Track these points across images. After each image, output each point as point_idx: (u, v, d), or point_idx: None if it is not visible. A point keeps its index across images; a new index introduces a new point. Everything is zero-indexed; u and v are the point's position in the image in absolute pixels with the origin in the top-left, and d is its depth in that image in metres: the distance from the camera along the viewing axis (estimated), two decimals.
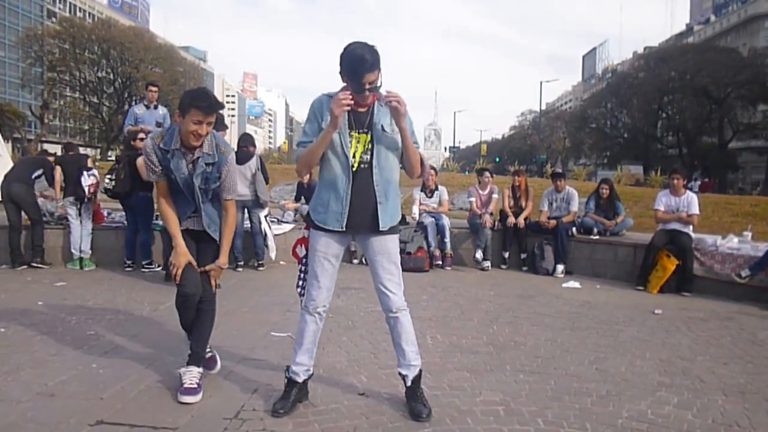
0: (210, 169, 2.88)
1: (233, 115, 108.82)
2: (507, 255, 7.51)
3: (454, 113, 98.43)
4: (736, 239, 6.32)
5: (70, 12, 66.01)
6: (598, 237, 7.27)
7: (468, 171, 24.78)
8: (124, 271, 6.37)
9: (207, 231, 2.99)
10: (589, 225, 7.44)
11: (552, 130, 61.78)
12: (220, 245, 3.01)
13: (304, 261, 2.87)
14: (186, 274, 2.89)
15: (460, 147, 66.58)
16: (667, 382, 3.27)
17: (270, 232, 6.85)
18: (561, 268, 7.02)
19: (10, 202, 6.38)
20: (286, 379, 2.76)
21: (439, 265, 7.22)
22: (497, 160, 52.63)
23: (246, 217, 6.73)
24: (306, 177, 7.39)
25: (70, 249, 6.48)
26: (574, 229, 7.36)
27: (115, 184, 6.31)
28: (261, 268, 6.73)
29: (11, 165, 7.67)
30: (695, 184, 26.19)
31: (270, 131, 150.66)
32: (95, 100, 45.63)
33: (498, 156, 60.57)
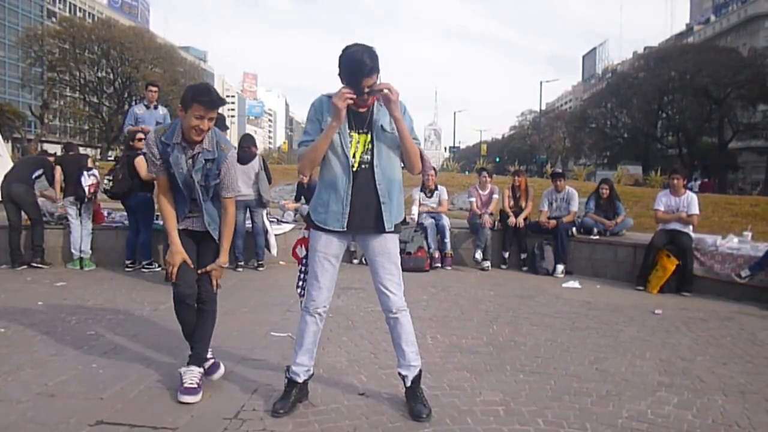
0: (209, 166, 2.88)
1: (233, 116, 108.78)
2: (507, 255, 7.51)
3: (454, 113, 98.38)
4: (736, 239, 6.33)
5: (70, 12, 66.03)
6: (598, 237, 7.27)
7: (468, 171, 24.78)
8: (124, 271, 6.38)
9: (208, 230, 2.99)
10: (589, 225, 7.44)
11: (552, 130, 61.78)
12: (219, 244, 3.01)
13: (304, 261, 2.87)
14: (181, 274, 2.89)
15: (460, 147, 66.56)
16: (667, 382, 3.27)
17: (270, 228, 6.91)
18: (561, 268, 7.02)
19: (10, 202, 6.38)
20: (286, 380, 2.76)
21: (439, 266, 7.23)
22: (497, 160, 52.58)
23: (248, 217, 6.74)
24: (306, 177, 7.42)
25: (70, 249, 6.48)
26: (574, 229, 7.36)
27: (112, 184, 6.32)
28: (261, 268, 6.74)
29: (11, 165, 7.67)
30: (695, 184, 26.22)
31: (270, 131, 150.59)
32: (95, 100, 45.65)
33: (498, 156, 60.53)
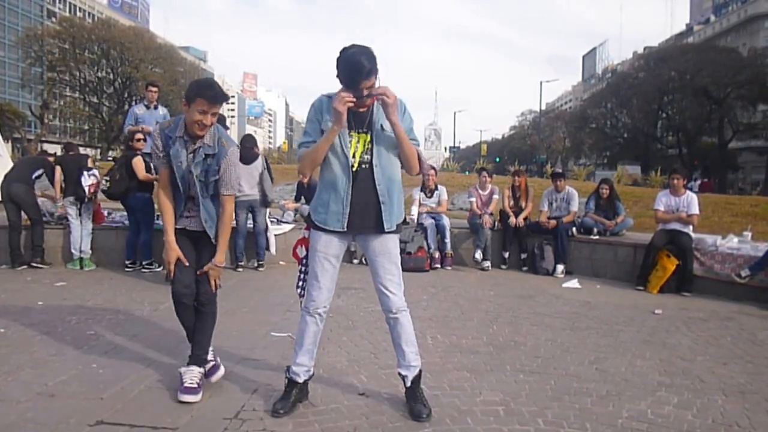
0: (209, 161, 2.88)
1: (233, 116, 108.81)
2: (507, 255, 7.51)
3: (454, 113, 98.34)
4: (736, 239, 6.32)
5: (70, 12, 66.03)
6: (598, 237, 7.27)
7: (468, 171, 24.77)
8: (124, 271, 6.37)
9: (204, 227, 2.96)
10: (589, 225, 7.44)
11: (552, 130, 61.78)
12: (216, 243, 2.98)
13: (304, 262, 2.87)
14: (177, 273, 2.91)
15: (460, 147, 66.55)
16: (667, 382, 3.27)
17: (270, 227, 6.94)
18: (561, 268, 7.02)
19: (10, 202, 6.38)
20: (287, 380, 2.76)
21: (439, 266, 7.23)
22: (497, 160, 52.54)
23: (249, 217, 6.73)
24: (306, 177, 7.42)
25: (70, 249, 6.48)
26: (574, 229, 7.36)
27: (110, 184, 6.33)
28: (261, 268, 6.74)
29: (11, 165, 7.67)
30: (695, 184, 26.18)
31: (270, 131, 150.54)
32: (95, 100, 45.65)
33: (498, 156, 60.49)
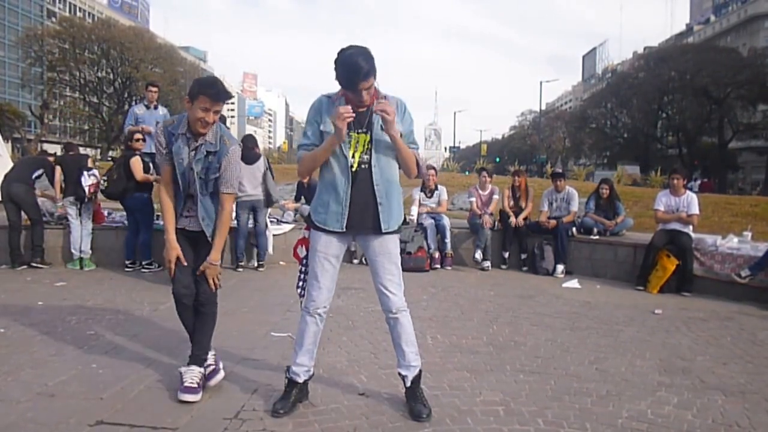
0: (211, 159, 2.89)
1: (233, 116, 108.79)
2: (507, 255, 7.51)
3: (454, 113, 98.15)
4: (736, 239, 6.32)
5: (70, 12, 66.03)
6: (598, 237, 7.27)
7: (468, 171, 24.76)
8: (124, 271, 6.37)
9: (201, 225, 2.94)
10: (589, 225, 7.44)
11: (552, 130, 61.77)
12: (212, 242, 2.95)
13: (304, 262, 2.87)
14: (177, 273, 2.91)
15: (460, 147, 66.53)
16: (667, 382, 3.27)
17: (269, 227, 6.93)
18: (561, 268, 7.02)
19: (10, 202, 6.38)
20: (287, 380, 2.76)
21: (439, 266, 7.23)
22: (497, 160, 52.53)
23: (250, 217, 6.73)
24: (306, 177, 7.42)
25: (70, 249, 6.48)
26: (574, 229, 7.36)
27: (107, 184, 6.33)
28: (261, 268, 6.73)
29: (11, 165, 7.67)
30: (695, 184, 26.20)
31: (270, 131, 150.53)
32: (95, 100, 45.64)
33: (498, 156, 60.48)
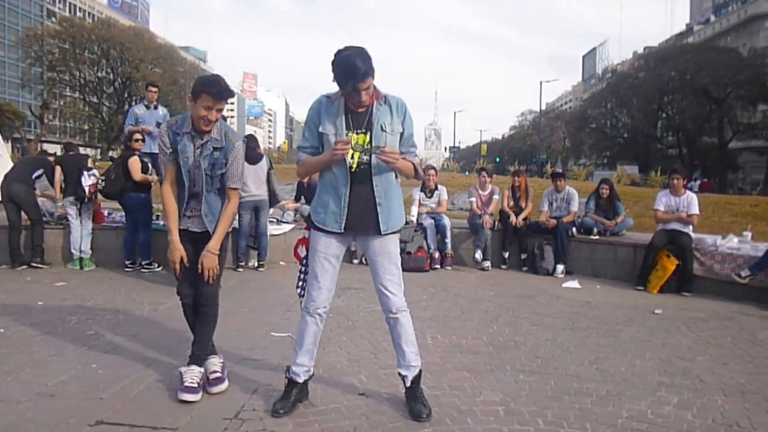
0: (217, 155, 2.89)
1: (233, 116, 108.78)
2: (507, 255, 7.50)
3: (454, 113, 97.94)
4: (736, 239, 6.32)
5: (70, 12, 66.04)
6: (598, 237, 7.27)
7: (468, 171, 24.76)
8: (124, 271, 6.37)
9: (204, 221, 2.94)
10: (589, 225, 7.44)
11: (552, 130, 61.79)
12: (214, 232, 2.92)
13: (304, 262, 2.87)
14: (181, 273, 2.91)
15: (460, 147, 66.51)
16: (667, 382, 3.27)
17: (269, 226, 6.91)
18: (561, 268, 7.02)
19: (10, 202, 6.38)
20: (287, 380, 2.76)
21: (439, 266, 7.23)
22: (497, 160, 52.53)
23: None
24: (306, 177, 7.42)
25: (70, 249, 6.47)
26: (574, 229, 7.36)
27: (105, 184, 6.33)
28: (261, 268, 6.73)
29: (11, 165, 7.67)
30: (695, 184, 26.21)
31: (270, 131, 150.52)
32: (95, 100, 45.68)
33: (498, 156, 60.48)
